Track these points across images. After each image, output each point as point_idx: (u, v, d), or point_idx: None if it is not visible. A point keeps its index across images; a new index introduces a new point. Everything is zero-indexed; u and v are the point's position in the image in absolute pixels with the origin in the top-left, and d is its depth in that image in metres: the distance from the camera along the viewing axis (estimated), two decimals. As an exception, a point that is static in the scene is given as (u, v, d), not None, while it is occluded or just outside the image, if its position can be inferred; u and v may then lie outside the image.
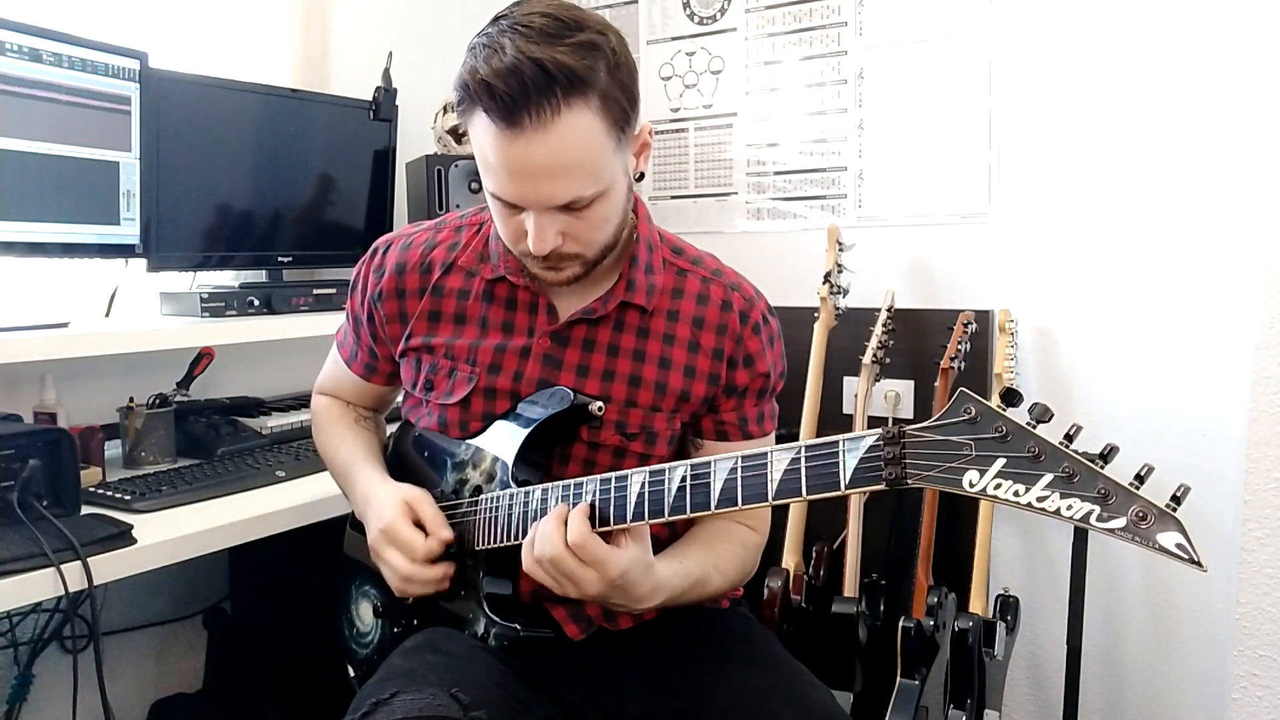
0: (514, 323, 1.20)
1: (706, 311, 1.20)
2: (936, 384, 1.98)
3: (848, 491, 0.88)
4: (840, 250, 2.12)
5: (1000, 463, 0.80)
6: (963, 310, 2.06)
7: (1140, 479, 0.77)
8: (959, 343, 1.99)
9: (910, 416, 2.18)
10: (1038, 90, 2.04)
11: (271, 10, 2.15)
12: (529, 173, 1.01)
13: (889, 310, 2.09)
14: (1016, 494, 0.79)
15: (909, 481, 0.84)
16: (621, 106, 1.03)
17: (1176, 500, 0.75)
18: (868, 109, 2.23)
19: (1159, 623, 1.99)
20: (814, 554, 1.99)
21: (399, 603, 1.24)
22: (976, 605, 1.88)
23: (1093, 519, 0.76)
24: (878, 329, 2.05)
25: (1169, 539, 0.75)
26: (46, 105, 1.50)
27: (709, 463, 0.96)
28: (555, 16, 0.99)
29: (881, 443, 0.86)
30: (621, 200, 1.10)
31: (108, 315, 1.84)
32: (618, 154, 1.05)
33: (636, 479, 1.00)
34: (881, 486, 0.86)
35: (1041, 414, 0.81)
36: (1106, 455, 0.79)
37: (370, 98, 2.08)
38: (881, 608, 1.85)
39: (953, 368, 1.97)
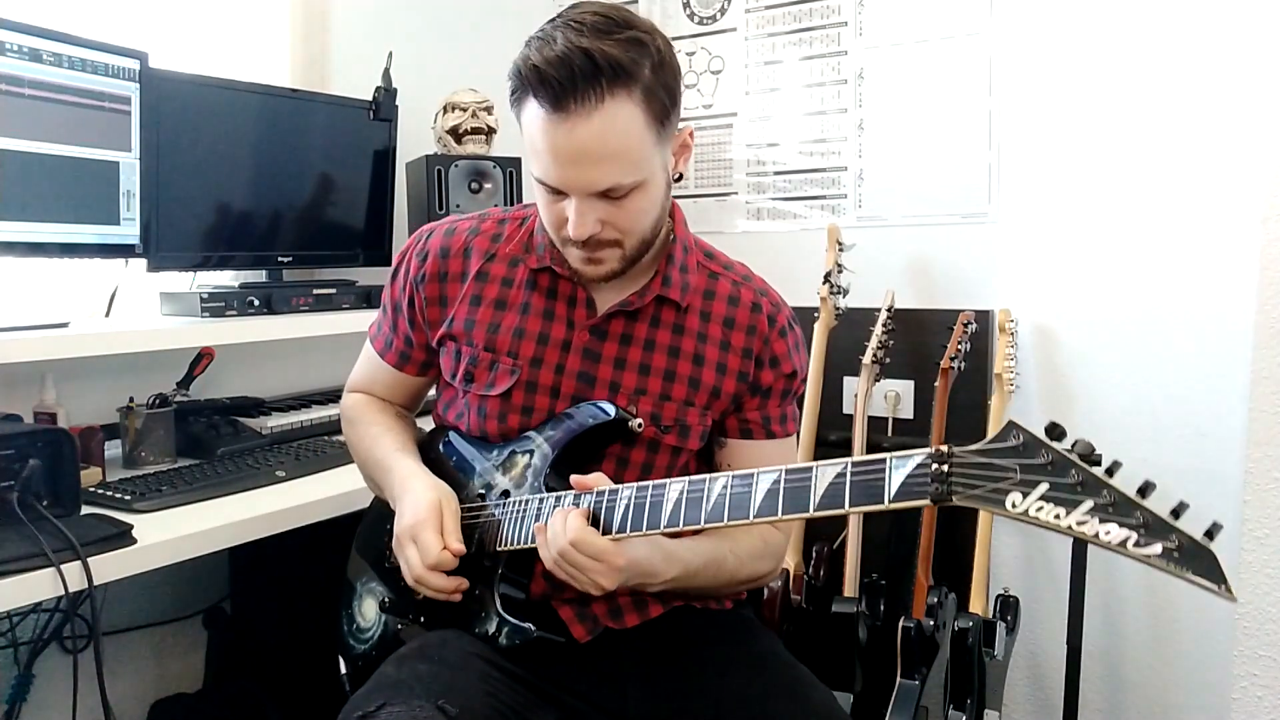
0: (554, 311, 1.22)
1: (737, 313, 1.24)
2: (936, 384, 1.98)
3: (891, 506, 0.90)
4: (840, 250, 2.12)
5: (1043, 487, 0.82)
6: (963, 310, 2.06)
7: (1175, 514, 0.79)
8: (959, 343, 1.99)
9: (910, 417, 2.18)
10: (1038, 90, 2.04)
11: (271, 10, 2.14)
12: (572, 157, 1.06)
13: (889, 310, 2.09)
14: (1058, 517, 0.81)
15: (954, 499, 0.86)
16: (663, 103, 1.08)
17: (1209, 535, 0.77)
18: (868, 109, 2.23)
19: (1159, 623, 1.99)
20: (814, 554, 1.99)
21: (406, 598, 1.24)
22: (976, 605, 1.88)
23: (1130, 544, 0.79)
24: (878, 329, 2.06)
25: (1202, 571, 0.76)
26: (46, 105, 1.50)
27: (751, 474, 0.98)
28: (606, 15, 1.06)
29: (929, 460, 0.88)
30: (660, 195, 1.14)
31: (108, 315, 1.84)
32: (657, 148, 1.10)
33: (675, 487, 1.02)
34: (926, 501, 0.87)
35: (1084, 448, 0.83)
36: (1144, 490, 0.80)
37: (370, 98, 2.08)
38: (881, 608, 1.85)
39: (953, 368, 1.98)
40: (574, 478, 1.08)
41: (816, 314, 2.08)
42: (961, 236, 2.15)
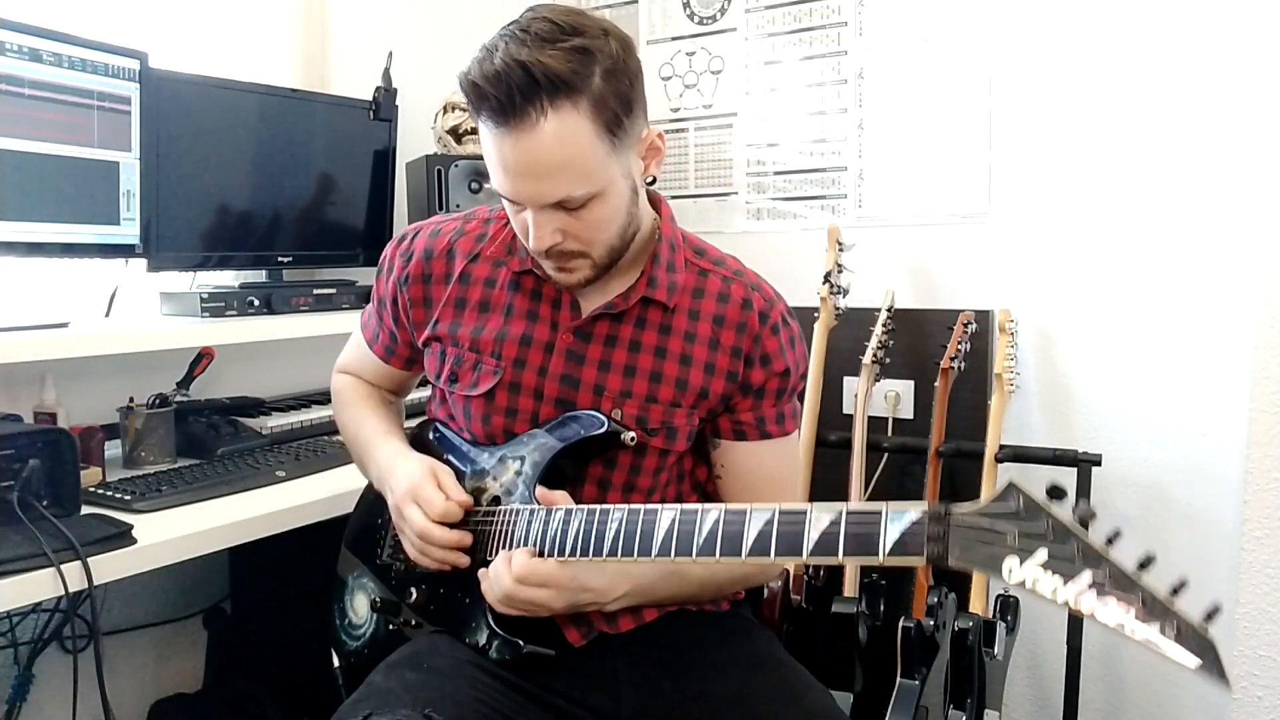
0: (538, 313, 1.21)
1: (727, 310, 1.21)
2: (936, 384, 1.98)
3: (885, 562, 0.88)
4: (840, 250, 2.12)
5: (1041, 556, 0.80)
6: (963, 310, 2.06)
7: (1175, 591, 0.77)
8: (959, 343, 1.99)
9: (910, 417, 2.18)
10: (1038, 90, 2.04)
11: (271, 10, 2.14)
12: (520, 170, 1.05)
13: (889, 310, 2.09)
14: (1054, 590, 0.79)
15: (949, 561, 0.84)
16: (615, 111, 1.04)
17: (1209, 618, 0.75)
18: (868, 109, 2.23)
19: (1159, 623, 1.99)
20: (814, 554, 1.99)
21: (397, 600, 1.24)
22: (976, 605, 1.88)
23: (1126, 627, 0.77)
24: (878, 329, 2.06)
25: (1200, 657, 0.75)
26: (46, 105, 1.50)
27: (745, 510, 0.96)
28: (554, 22, 1.02)
29: (925, 519, 0.86)
30: (622, 203, 1.11)
31: (108, 315, 1.84)
32: (612, 157, 1.07)
33: (667, 515, 1.00)
34: (921, 562, 0.86)
35: (1085, 514, 0.81)
36: (1145, 564, 0.78)
37: (370, 98, 2.08)
38: (881, 608, 1.85)
39: (953, 368, 1.97)
40: (539, 491, 1.10)
41: (816, 314, 2.08)
42: (961, 236, 2.15)
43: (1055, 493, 0.82)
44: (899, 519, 0.88)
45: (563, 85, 1.00)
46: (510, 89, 1.00)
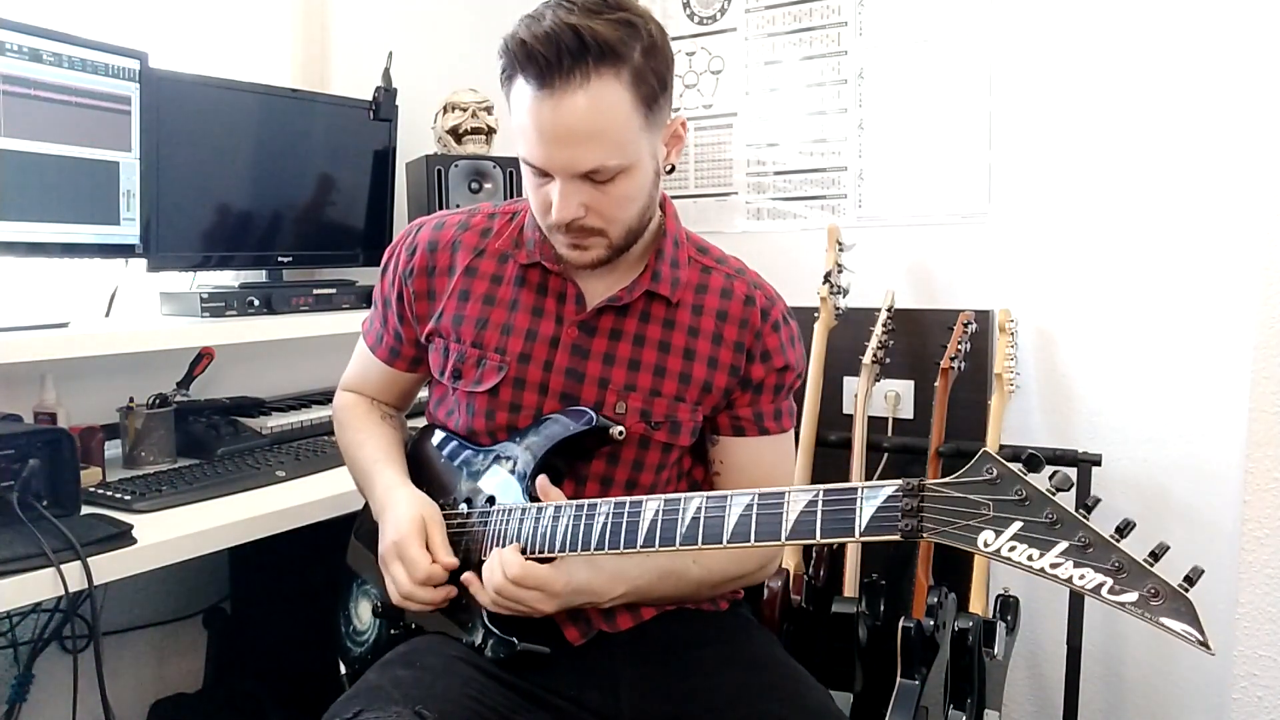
0: (543, 308, 1.21)
1: (730, 306, 1.23)
2: (936, 384, 1.98)
3: (862, 539, 0.88)
4: (840, 250, 2.12)
5: (1017, 526, 0.81)
6: (963, 310, 2.06)
7: (1155, 556, 0.77)
8: (959, 343, 1.99)
9: (910, 417, 2.18)
10: (1037, 90, 2.05)
11: (271, 10, 2.14)
12: (556, 135, 1.05)
13: (889, 310, 2.09)
14: (1030, 558, 0.80)
15: (924, 535, 0.85)
16: (652, 87, 1.07)
17: (1189, 581, 0.75)
18: (868, 109, 2.23)
19: (1159, 623, 1.99)
20: (814, 554, 1.99)
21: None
22: (976, 605, 1.88)
23: (1104, 590, 0.77)
24: (878, 329, 2.06)
25: (1179, 620, 0.75)
26: (46, 105, 1.50)
27: (725, 496, 0.98)
28: None
29: (900, 494, 0.87)
30: (647, 183, 1.13)
31: (108, 315, 1.84)
32: (644, 133, 1.09)
33: (651, 505, 1.02)
34: (896, 537, 0.86)
35: (1062, 482, 0.82)
36: (1123, 530, 0.79)
37: (370, 98, 2.08)
38: (881, 608, 1.85)
39: (953, 368, 1.97)
40: (540, 481, 1.10)
41: (816, 314, 2.08)
42: (961, 236, 2.15)
43: (1032, 463, 0.83)
44: (874, 495, 0.89)
45: (609, 52, 1.03)
46: (560, 50, 1.01)
